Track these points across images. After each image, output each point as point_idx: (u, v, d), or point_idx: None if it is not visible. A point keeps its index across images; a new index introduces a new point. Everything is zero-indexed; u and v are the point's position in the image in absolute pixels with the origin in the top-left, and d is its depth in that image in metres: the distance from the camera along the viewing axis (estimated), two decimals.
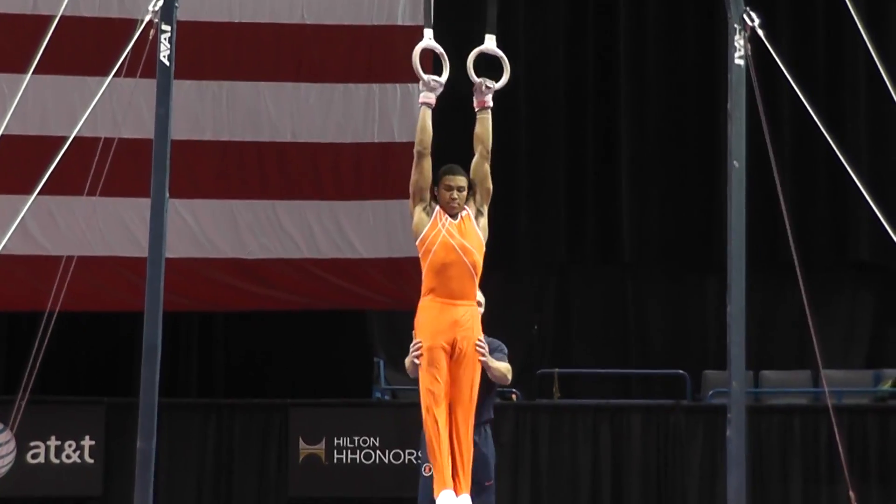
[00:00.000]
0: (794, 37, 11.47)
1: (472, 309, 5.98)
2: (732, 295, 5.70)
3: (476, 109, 5.99)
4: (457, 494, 5.85)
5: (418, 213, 5.99)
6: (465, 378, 5.91)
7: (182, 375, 11.47)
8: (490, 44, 6.03)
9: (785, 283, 11.15)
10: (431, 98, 5.97)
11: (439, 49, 5.99)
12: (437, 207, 5.97)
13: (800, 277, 5.94)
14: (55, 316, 6.18)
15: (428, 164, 6.00)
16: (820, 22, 11.56)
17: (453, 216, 5.95)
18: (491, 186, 6.00)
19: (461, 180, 5.96)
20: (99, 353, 11.42)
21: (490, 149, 5.96)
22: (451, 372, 5.91)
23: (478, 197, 6.02)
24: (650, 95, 11.68)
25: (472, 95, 5.98)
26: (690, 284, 11.84)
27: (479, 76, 5.92)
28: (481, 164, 6.00)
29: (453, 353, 5.90)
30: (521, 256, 11.52)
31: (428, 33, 6.00)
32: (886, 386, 11.04)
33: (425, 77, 5.93)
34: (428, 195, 6.01)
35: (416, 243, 5.99)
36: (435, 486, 5.83)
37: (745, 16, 5.84)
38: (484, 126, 5.97)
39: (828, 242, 11.57)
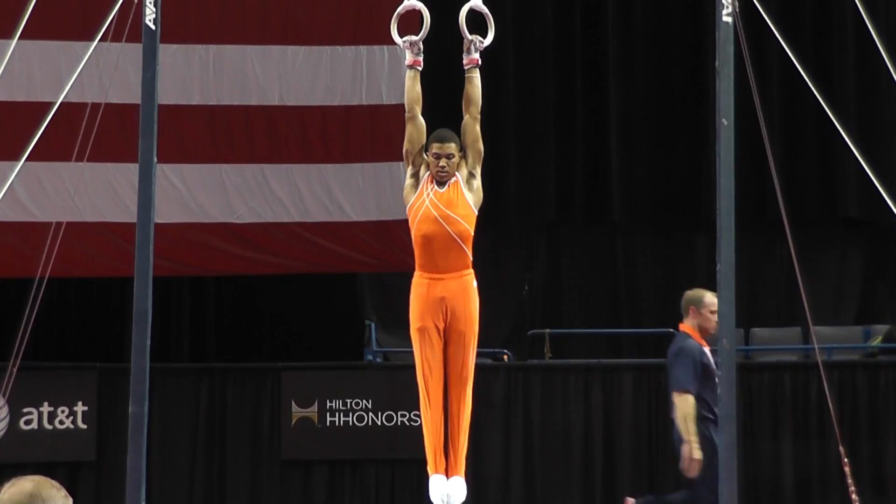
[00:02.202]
0: None
1: (463, 280, 5.93)
2: (722, 253, 5.70)
3: (465, 67, 5.98)
4: (448, 477, 5.84)
5: (408, 179, 5.98)
6: (458, 356, 5.89)
7: (174, 340, 11.48)
8: (477, 1, 6.01)
9: (774, 241, 11.18)
10: (415, 59, 5.95)
11: (419, 5, 5.98)
12: (426, 175, 5.96)
13: (788, 235, 5.94)
14: (45, 282, 6.17)
15: (416, 126, 5.98)
16: None
17: (441, 184, 5.93)
18: (482, 148, 5.98)
19: (450, 147, 5.91)
20: (90, 319, 11.42)
21: (480, 109, 5.95)
22: (444, 350, 5.89)
23: (469, 159, 5.99)
24: (638, 54, 11.66)
25: (462, 54, 5.97)
26: (680, 242, 11.85)
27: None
28: (472, 125, 5.97)
29: (445, 331, 5.89)
30: (511, 217, 11.52)
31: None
32: (876, 342, 11.09)
33: (400, 42, 5.93)
34: (419, 159, 6.00)
35: (406, 212, 5.99)
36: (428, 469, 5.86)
37: None
38: (473, 84, 5.95)
39: (817, 199, 11.59)
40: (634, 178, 11.63)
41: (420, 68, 5.96)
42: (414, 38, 5.93)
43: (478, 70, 5.95)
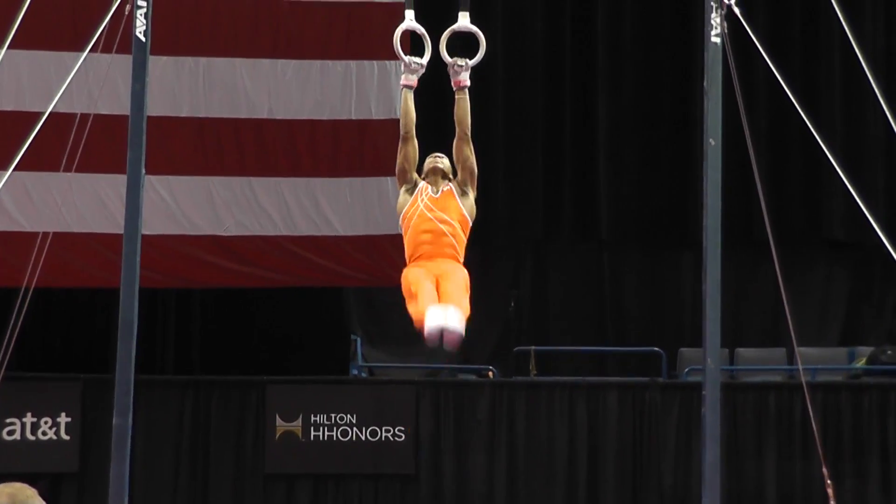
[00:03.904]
0: (771, 14, 11.49)
1: (457, 264, 5.93)
2: (708, 272, 5.72)
3: (454, 89, 6.00)
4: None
5: (402, 194, 6.00)
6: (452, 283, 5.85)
7: (159, 352, 11.45)
8: (464, 21, 6.01)
9: (760, 260, 11.20)
10: (413, 80, 5.95)
11: (421, 30, 5.97)
12: (421, 184, 5.97)
13: (774, 255, 5.97)
14: (31, 292, 6.16)
15: (413, 146, 6.00)
16: None
17: (435, 189, 5.95)
18: (475, 167, 6.00)
19: (443, 158, 5.98)
20: (75, 330, 11.40)
21: (469, 129, 5.96)
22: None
23: (460, 177, 6.02)
24: (627, 72, 11.69)
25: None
26: (667, 261, 11.87)
27: (453, 56, 5.91)
28: (461, 146, 6.00)
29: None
30: (498, 233, 11.53)
31: (409, 14, 5.98)
32: (860, 364, 11.11)
33: (406, 59, 5.90)
34: (413, 176, 6.02)
35: (400, 223, 5.99)
36: (417, 318, 5.71)
37: None
38: (461, 107, 5.96)
39: (802, 220, 11.62)
40: (622, 196, 11.65)
41: (414, 88, 5.98)
42: (419, 59, 5.91)
43: (466, 92, 5.97)
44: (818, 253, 11.83)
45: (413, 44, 6.06)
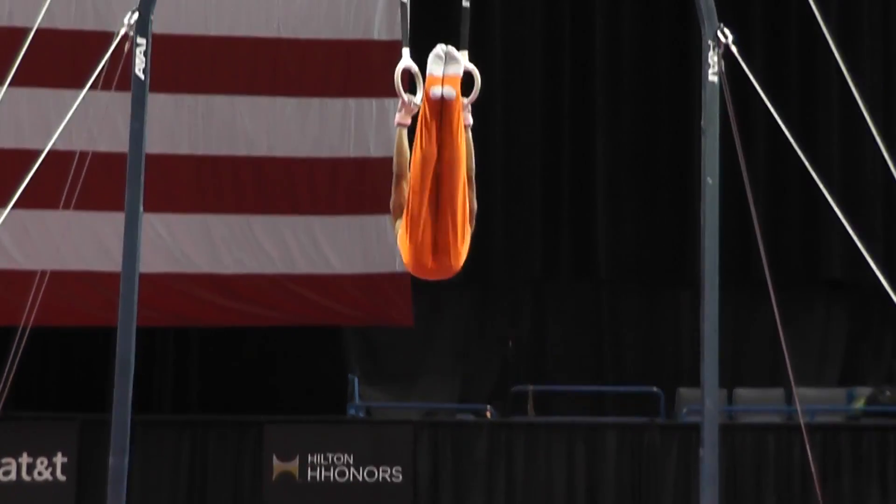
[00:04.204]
0: (768, 53, 11.53)
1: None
2: (706, 312, 5.71)
3: None
4: None
5: (400, 228, 5.94)
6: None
7: (156, 391, 11.42)
8: (462, 60, 6.01)
9: (758, 300, 11.18)
10: (408, 119, 5.94)
11: (416, 69, 5.98)
12: None
13: (772, 295, 5.96)
14: (28, 331, 6.14)
15: (408, 184, 5.98)
16: (793, 39, 11.63)
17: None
18: (475, 205, 5.97)
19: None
20: (72, 369, 11.36)
21: (473, 168, 5.93)
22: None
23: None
24: (625, 111, 11.72)
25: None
26: (665, 300, 11.86)
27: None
28: (465, 185, 5.98)
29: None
30: (496, 273, 11.52)
31: (406, 52, 5.98)
32: (859, 404, 11.07)
33: (406, 97, 5.89)
34: None
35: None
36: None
37: (718, 32, 5.86)
38: (466, 146, 5.96)
39: (800, 259, 11.62)
40: (620, 236, 11.66)
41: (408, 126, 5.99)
42: (416, 100, 5.90)
43: (468, 131, 5.96)
44: (817, 293, 11.82)
45: (411, 84, 6.07)
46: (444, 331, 11.70)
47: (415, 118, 5.88)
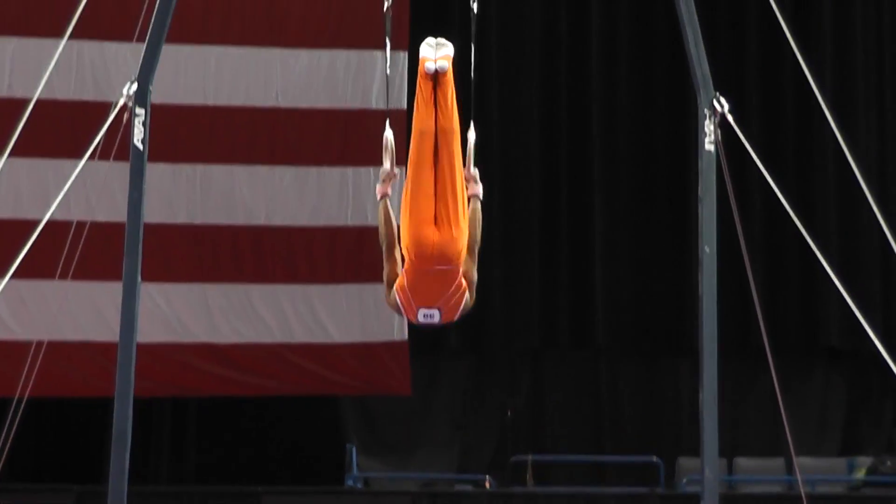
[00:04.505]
0: (764, 120, 11.59)
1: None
2: (705, 381, 5.69)
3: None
4: None
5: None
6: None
7: (153, 461, 11.35)
8: (471, 134, 6.13)
9: (757, 369, 11.14)
10: (389, 189, 6.04)
11: (391, 141, 6.10)
12: None
13: (771, 364, 5.94)
14: (24, 402, 6.12)
15: (398, 251, 6.01)
16: (789, 106, 11.69)
17: None
18: (475, 276, 5.99)
19: None
20: (69, 439, 11.30)
21: (478, 240, 5.98)
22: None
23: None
24: (622, 178, 11.75)
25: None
26: (663, 369, 11.83)
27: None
28: (466, 254, 6.03)
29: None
30: (494, 342, 11.50)
31: (387, 124, 6.14)
32: (860, 474, 11.01)
33: (387, 166, 6.00)
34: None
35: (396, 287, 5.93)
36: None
37: (714, 101, 5.89)
38: (472, 215, 6.04)
39: (799, 327, 11.59)
40: (618, 304, 11.64)
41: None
42: (389, 167, 6.01)
43: (477, 200, 6.05)
44: (816, 361, 11.79)
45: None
46: (443, 400, 11.66)
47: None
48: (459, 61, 5.89)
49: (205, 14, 10.31)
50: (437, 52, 5.86)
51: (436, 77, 5.84)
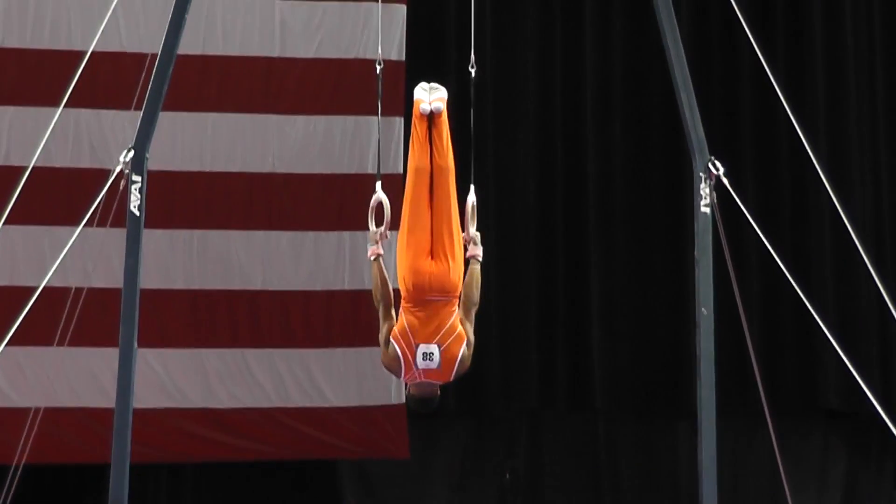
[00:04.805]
0: (759, 181, 11.61)
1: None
2: (703, 444, 5.69)
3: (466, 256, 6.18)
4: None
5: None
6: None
7: None
8: (471, 197, 6.19)
9: (756, 429, 11.09)
10: (381, 249, 6.14)
11: (386, 202, 6.18)
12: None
13: (770, 424, 5.94)
14: (21, 469, 6.10)
15: (394, 311, 6.07)
16: (784, 167, 11.72)
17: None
18: (473, 338, 6.03)
19: None
20: None
21: (476, 302, 6.04)
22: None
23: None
24: (618, 240, 11.76)
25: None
26: (662, 430, 11.78)
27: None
28: (464, 315, 6.09)
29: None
30: (492, 403, 11.46)
31: (378, 185, 6.22)
32: None
33: (374, 229, 6.10)
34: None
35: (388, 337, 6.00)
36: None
37: (710, 164, 5.93)
38: (471, 277, 6.13)
39: (797, 388, 11.56)
40: (616, 365, 11.62)
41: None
42: (382, 229, 6.12)
43: (477, 263, 6.14)
44: (814, 422, 11.75)
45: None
46: (441, 463, 11.60)
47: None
48: (458, 131, 5.95)
49: (201, 81, 10.38)
50: (430, 95, 6.04)
51: (431, 117, 6.01)
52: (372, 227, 6.11)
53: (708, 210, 5.82)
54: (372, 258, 6.11)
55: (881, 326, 11.45)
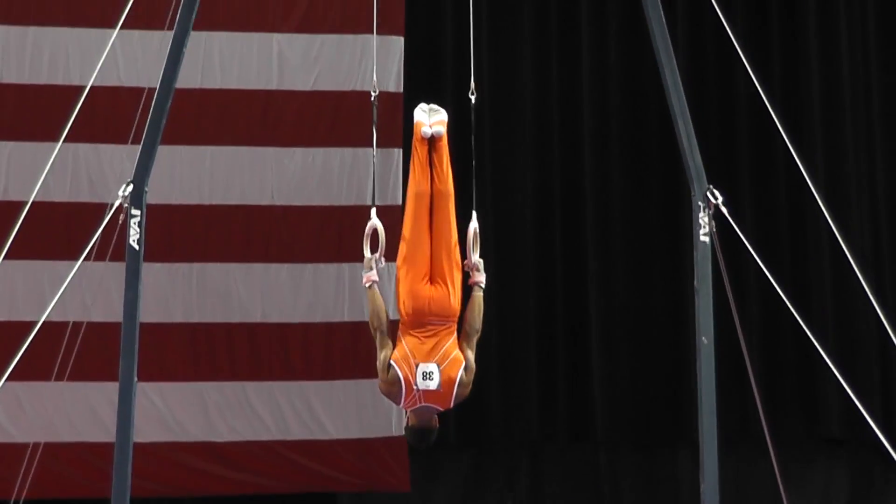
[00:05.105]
0: (758, 208, 11.62)
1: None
2: (705, 473, 5.68)
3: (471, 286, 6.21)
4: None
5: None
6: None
7: None
8: (473, 223, 6.23)
9: (758, 456, 11.06)
10: (377, 276, 6.17)
11: (381, 229, 6.21)
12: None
13: (772, 453, 5.93)
14: None
15: (390, 337, 6.10)
16: (782, 194, 11.73)
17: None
18: (474, 365, 6.04)
19: None
20: None
21: (478, 329, 6.05)
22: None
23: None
24: (617, 270, 11.75)
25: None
26: (663, 459, 11.75)
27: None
28: (462, 342, 6.10)
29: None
30: (493, 435, 11.44)
31: (373, 212, 6.25)
32: None
33: (369, 255, 6.14)
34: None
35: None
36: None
37: (708, 193, 5.94)
38: (473, 303, 6.15)
39: (798, 416, 11.54)
40: (616, 395, 11.60)
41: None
42: (377, 256, 6.15)
43: (480, 289, 6.16)
44: (816, 449, 11.72)
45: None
46: (442, 495, 11.56)
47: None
48: (458, 158, 5.97)
49: (199, 114, 10.40)
50: (431, 118, 6.07)
51: (431, 141, 6.04)
52: (367, 253, 6.16)
53: (707, 239, 5.82)
54: (367, 285, 6.15)
55: (881, 353, 11.43)
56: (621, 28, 11.49)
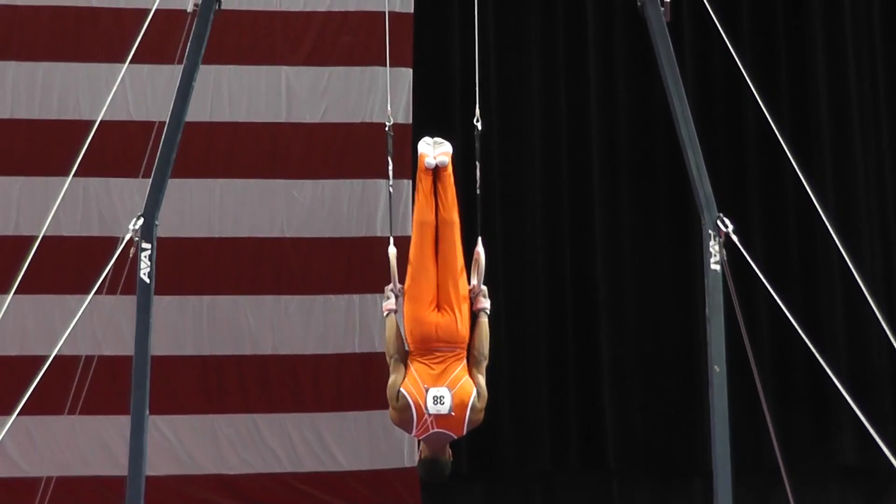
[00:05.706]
0: (768, 236, 11.60)
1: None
2: (719, 501, 5.65)
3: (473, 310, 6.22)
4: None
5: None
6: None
7: None
8: (479, 249, 6.29)
9: (772, 486, 11.00)
10: (395, 305, 6.20)
11: (393, 259, 6.27)
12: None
13: (786, 481, 5.90)
14: None
15: (404, 364, 6.11)
16: (793, 222, 11.72)
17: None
18: (485, 391, 6.05)
19: None
20: None
21: (486, 355, 6.06)
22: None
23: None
24: (628, 299, 11.73)
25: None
26: (677, 488, 11.70)
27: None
28: (472, 367, 6.11)
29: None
30: (505, 465, 11.40)
31: (391, 241, 6.30)
32: None
33: (397, 286, 6.16)
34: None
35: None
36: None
37: (718, 222, 5.93)
38: (479, 329, 6.17)
39: (812, 445, 11.49)
40: (628, 425, 11.56)
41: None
42: (395, 285, 6.18)
43: (484, 314, 6.18)
44: (831, 477, 11.66)
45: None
46: None
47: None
48: (465, 186, 5.98)
49: (208, 148, 10.43)
50: (435, 150, 6.13)
51: (436, 171, 6.09)
52: (395, 283, 6.22)
53: (718, 267, 5.82)
54: (385, 314, 6.20)
55: (894, 380, 11.39)
56: (630, 57, 11.51)
